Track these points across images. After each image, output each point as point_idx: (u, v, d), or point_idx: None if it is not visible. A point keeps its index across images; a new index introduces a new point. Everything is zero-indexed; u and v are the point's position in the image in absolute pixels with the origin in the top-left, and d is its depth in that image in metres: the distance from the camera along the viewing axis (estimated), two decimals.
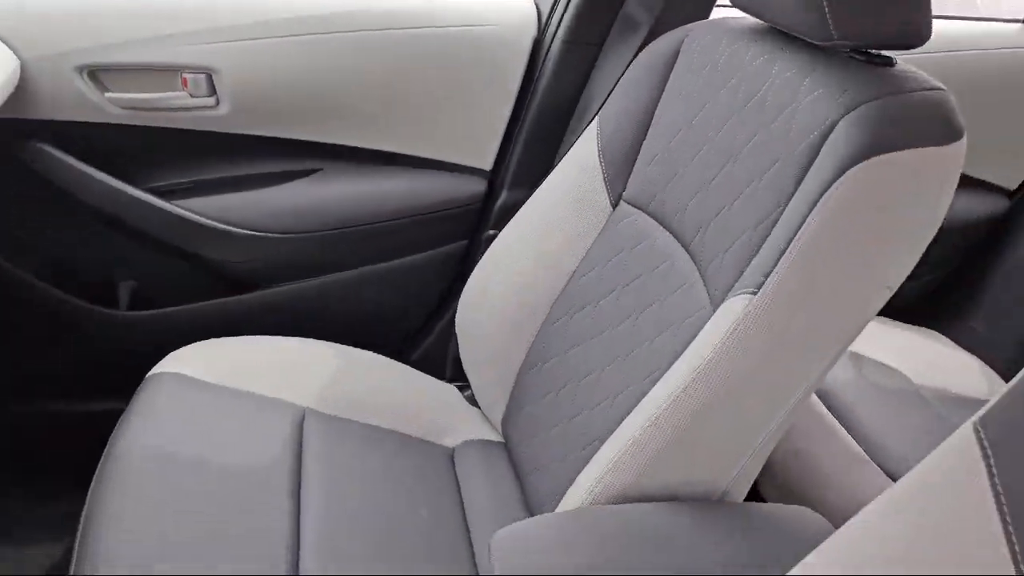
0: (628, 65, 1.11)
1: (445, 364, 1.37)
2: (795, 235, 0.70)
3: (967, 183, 1.54)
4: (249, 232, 1.28)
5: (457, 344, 1.23)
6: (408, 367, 1.27)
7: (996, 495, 0.48)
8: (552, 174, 1.14)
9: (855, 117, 0.71)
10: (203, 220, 1.25)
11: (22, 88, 1.14)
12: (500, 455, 1.18)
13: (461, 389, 1.28)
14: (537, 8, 1.31)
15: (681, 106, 1.00)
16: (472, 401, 1.25)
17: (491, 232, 1.21)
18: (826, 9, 0.74)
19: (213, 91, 1.21)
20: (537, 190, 1.15)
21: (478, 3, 1.29)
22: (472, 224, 1.35)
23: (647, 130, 1.05)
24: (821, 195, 0.69)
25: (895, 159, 0.68)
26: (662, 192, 1.00)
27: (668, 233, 0.99)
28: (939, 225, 0.74)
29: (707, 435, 0.74)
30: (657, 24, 1.15)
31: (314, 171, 1.32)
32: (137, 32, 1.17)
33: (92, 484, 0.94)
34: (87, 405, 1.28)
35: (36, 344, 1.34)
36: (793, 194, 0.74)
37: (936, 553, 0.49)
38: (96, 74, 1.17)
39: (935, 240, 0.73)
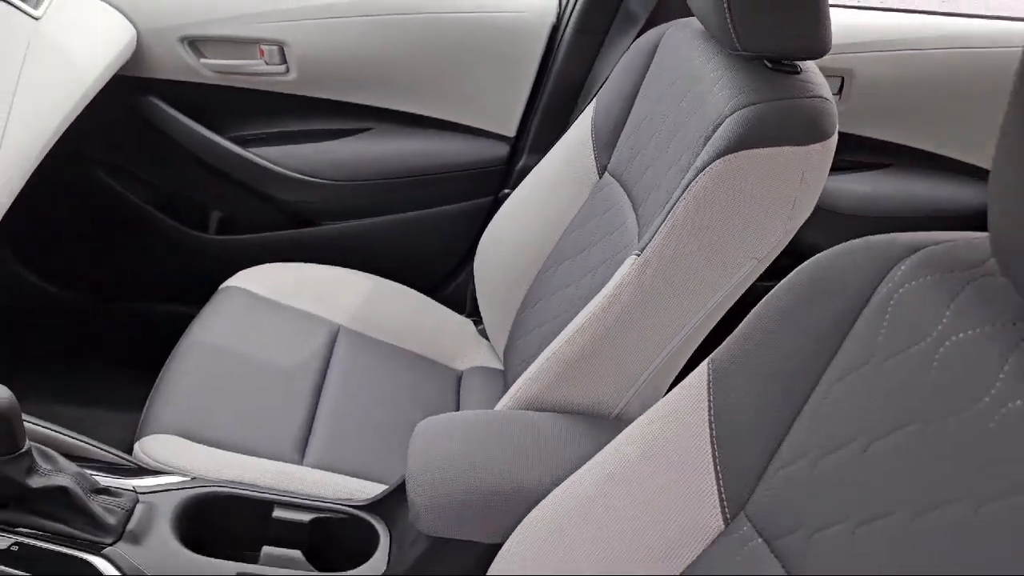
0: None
1: (466, 300, 1.60)
2: (669, 213, 0.88)
3: (980, 175, 1.59)
4: (309, 178, 1.54)
5: (474, 285, 1.44)
6: (432, 300, 1.49)
7: (711, 424, 0.64)
8: (556, 146, 1.32)
9: (735, 117, 0.87)
10: (272, 166, 1.52)
11: (138, 53, 1.43)
12: (499, 380, 1.38)
13: (476, 324, 1.49)
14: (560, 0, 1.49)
15: (651, 93, 1.17)
16: (484, 335, 1.46)
17: (507, 192, 1.41)
18: (729, 24, 0.89)
19: (284, 60, 1.47)
20: (544, 158, 1.33)
21: None
22: (496, 183, 1.56)
23: (628, 113, 1.22)
24: (692, 180, 0.86)
25: (753, 155, 0.84)
26: (629, 166, 1.18)
27: (629, 201, 1.16)
28: (808, 210, 0.89)
29: (599, 361, 0.93)
30: (650, 19, 1.30)
31: (366, 129, 1.56)
32: (226, 11, 1.44)
33: (162, 371, 1.21)
34: (175, 307, 1.57)
35: (144, 256, 1.65)
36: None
37: (650, 472, 0.66)
38: (195, 43, 1.46)
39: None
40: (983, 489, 0.42)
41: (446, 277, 1.66)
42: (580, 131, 1.28)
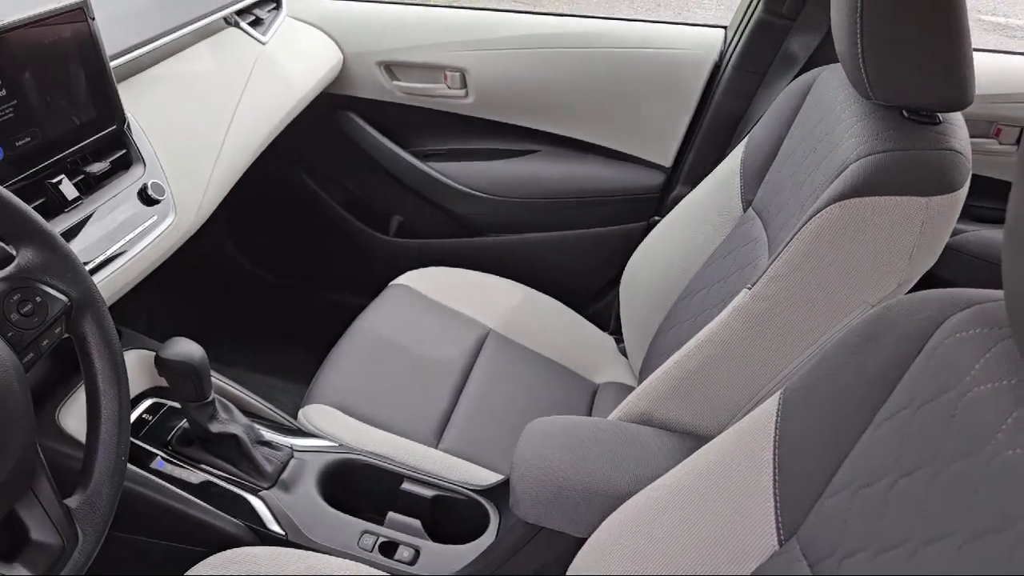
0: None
1: (610, 319, 1.67)
2: (782, 252, 0.91)
3: None
4: (479, 193, 1.68)
5: (619, 305, 1.51)
6: (579, 315, 1.58)
7: (775, 451, 0.68)
8: (707, 178, 1.37)
9: (858, 164, 0.89)
10: (447, 180, 1.68)
11: (342, 73, 1.64)
12: None
13: (617, 341, 1.56)
14: (724, 38, 1.53)
15: (797, 134, 1.19)
16: (623, 353, 1.52)
17: (657, 218, 1.46)
18: (863, 74, 0.91)
19: (464, 85, 1.62)
20: (694, 189, 1.38)
21: (676, 31, 1.55)
22: (649, 209, 1.62)
23: (776, 152, 1.24)
24: (807, 222, 0.89)
25: (871, 202, 0.85)
26: (770, 204, 1.21)
27: (765, 238, 1.19)
28: (929, 261, 0.89)
29: (702, 386, 0.97)
30: (809, 61, 1.32)
31: (533, 152, 1.68)
32: (418, 41, 1.61)
33: (331, 351, 1.37)
34: (348, 297, 1.76)
35: (329, 249, 1.87)
36: None
37: (717, 489, 0.70)
38: (390, 67, 1.65)
39: None
40: (975, 525, 0.46)
41: (595, 295, 1.74)
42: (731, 165, 1.32)
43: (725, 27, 1.55)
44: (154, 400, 1.12)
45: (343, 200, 1.81)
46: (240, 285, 1.94)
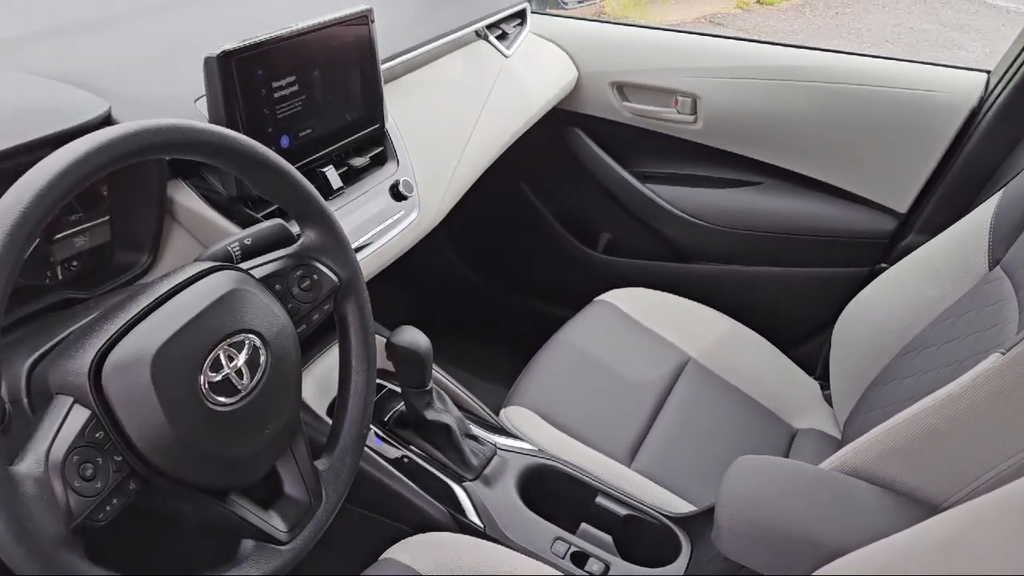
0: None
1: (818, 363, 1.60)
2: None
3: None
4: (694, 219, 1.67)
5: (830, 350, 1.45)
6: (784, 355, 1.53)
7: None
8: (949, 229, 1.29)
9: None
10: (664, 203, 1.68)
11: (575, 90, 1.69)
12: (832, 447, 1.38)
13: (823, 387, 1.50)
14: (987, 83, 1.42)
15: None
16: (828, 400, 1.46)
17: (883, 265, 1.39)
18: None
19: (694, 111, 1.62)
20: (931, 240, 1.31)
21: (930, 71, 1.46)
22: (875, 255, 1.54)
23: None
24: None
25: None
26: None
27: (1016, 301, 1.10)
28: None
29: (936, 450, 0.91)
30: None
31: (756, 183, 1.64)
32: (654, 64, 1.63)
33: (534, 357, 1.40)
34: (553, 308, 1.80)
35: (540, 260, 1.92)
36: None
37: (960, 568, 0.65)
38: (622, 88, 1.67)
39: None
40: None
41: (804, 337, 1.67)
42: (979, 219, 1.23)
43: (987, 71, 1.45)
44: (377, 381, 1.20)
45: (557, 212, 1.86)
46: (452, 285, 2.04)
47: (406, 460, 1.12)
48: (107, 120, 0.85)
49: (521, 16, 1.64)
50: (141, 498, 0.63)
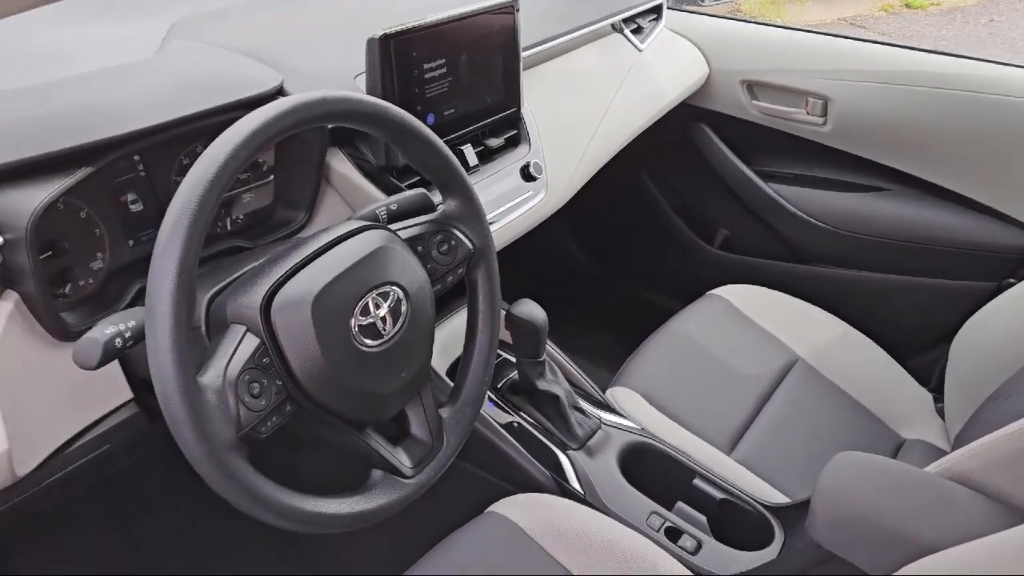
0: None
1: (932, 375, 1.57)
2: None
3: None
4: (815, 221, 1.66)
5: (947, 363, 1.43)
6: (898, 365, 1.51)
7: None
8: None
9: None
10: (785, 203, 1.68)
11: (704, 87, 1.71)
12: None
13: (936, 400, 1.48)
14: None
15: None
16: (940, 414, 1.44)
17: (1011, 280, 1.36)
18: None
19: (824, 113, 1.61)
20: None
21: None
22: (1003, 269, 1.50)
23: None
24: None
25: None
26: None
27: None
28: None
29: None
30: None
31: (882, 189, 1.62)
32: (787, 65, 1.63)
33: (643, 342, 1.44)
34: (663, 299, 1.84)
35: (655, 251, 1.96)
36: None
37: None
38: (752, 86, 1.69)
39: None
40: None
41: (920, 347, 1.65)
42: None
43: None
44: None
45: (676, 206, 1.89)
46: (566, 268, 2.10)
47: (516, 425, 1.19)
48: (280, 91, 0.95)
49: (657, 11, 1.68)
50: (293, 420, 0.73)
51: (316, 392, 0.72)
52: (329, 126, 0.97)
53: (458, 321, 1.29)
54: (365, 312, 0.75)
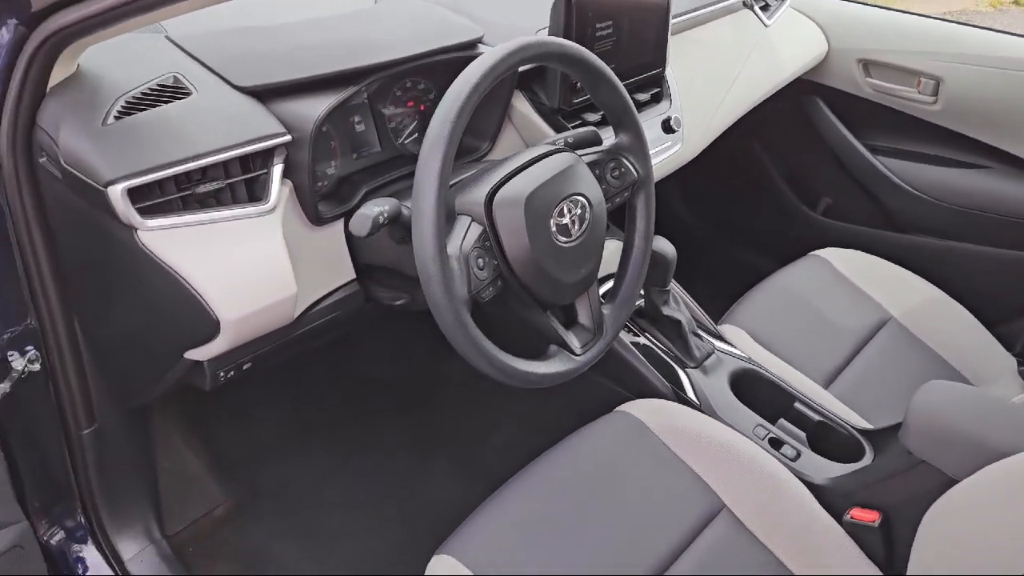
0: None
1: (1019, 341, 1.68)
2: None
3: None
4: (918, 193, 1.79)
5: None
6: (985, 329, 1.61)
7: None
8: None
9: None
10: (890, 175, 1.82)
11: (823, 63, 1.85)
12: None
13: (1019, 363, 1.59)
14: None
15: None
16: (1023, 376, 1.56)
17: None
18: None
19: (935, 93, 1.74)
20: None
21: None
22: None
23: None
24: None
25: None
26: None
27: None
28: None
29: None
30: None
31: (985, 167, 1.74)
32: (900, 45, 1.76)
33: (749, 291, 1.59)
34: (760, 259, 1.98)
35: (758, 214, 2.11)
36: None
37: None
38: (867, 64, 1.82)
39: None
40: None
41: (1009, 315, 1.76)
42: None
43: None
44: None
45: (783, 173, 2.04)
46: (674, 223, 2.26)
47: (642, 343, 1.37)
48: (480, 41, 1.15)
49: None
50: (501, 294, 0.93)
51: (521, 272, 0.92)
52: (520, 70, 1.16)
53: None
54: (560, 214, 0.94)
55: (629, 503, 1.09)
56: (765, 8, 1.75)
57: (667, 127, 1.38)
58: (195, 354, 0.94)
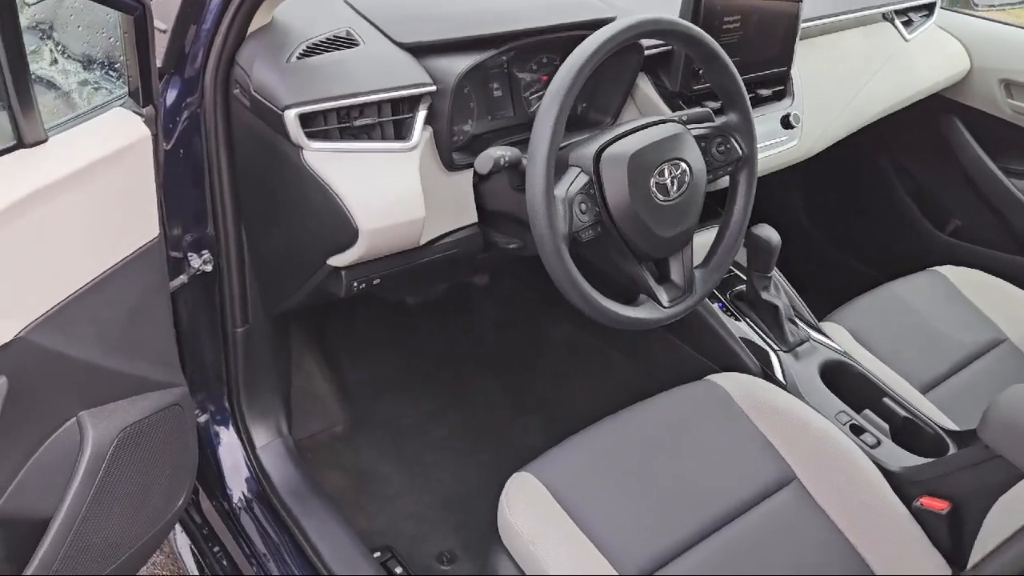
0: None
1: None
2: None
3: None
4: None
5: None
6: None
7: None
8: None
9: None
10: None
11: (963, 82, 1.85)
12: None
13: None
14: None
15: None
16: None
17: None
18: None
19: None
20: None
21: None
22: None
23: None
24: None
25: None
26: None
27: None
28: None
29: None
30: None
31: None
32: None
33: (859, 297, 1.62)
34: (872, 271, 1.92)
35: (878, 227, 2.11)
36: None
37: None
38: (1009, 86, 1.80)
39: None
40: None
41: None
42: None
43: None
44: None
45: (911, 190, 2.03)
46: (791, 227, 2.26)
47: (739, 324, 1.45)
48: (612, 19, 1.27)
49: (929, 8, 1.84)
50: (600, 239, 1.05)
51: (619, 221, 1.04)
52: (646, 55, 1.27)
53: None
54: (661, 175, 1.05)
55: (701, 458, 1.17)
56: (907, 24, 1.78)
57: (786, 123, 1.45)
58: (336, 260, 1.11)
